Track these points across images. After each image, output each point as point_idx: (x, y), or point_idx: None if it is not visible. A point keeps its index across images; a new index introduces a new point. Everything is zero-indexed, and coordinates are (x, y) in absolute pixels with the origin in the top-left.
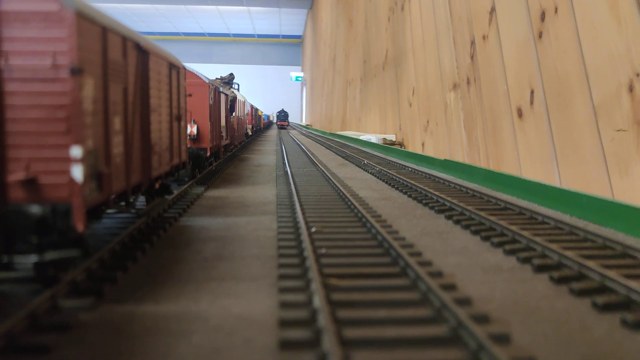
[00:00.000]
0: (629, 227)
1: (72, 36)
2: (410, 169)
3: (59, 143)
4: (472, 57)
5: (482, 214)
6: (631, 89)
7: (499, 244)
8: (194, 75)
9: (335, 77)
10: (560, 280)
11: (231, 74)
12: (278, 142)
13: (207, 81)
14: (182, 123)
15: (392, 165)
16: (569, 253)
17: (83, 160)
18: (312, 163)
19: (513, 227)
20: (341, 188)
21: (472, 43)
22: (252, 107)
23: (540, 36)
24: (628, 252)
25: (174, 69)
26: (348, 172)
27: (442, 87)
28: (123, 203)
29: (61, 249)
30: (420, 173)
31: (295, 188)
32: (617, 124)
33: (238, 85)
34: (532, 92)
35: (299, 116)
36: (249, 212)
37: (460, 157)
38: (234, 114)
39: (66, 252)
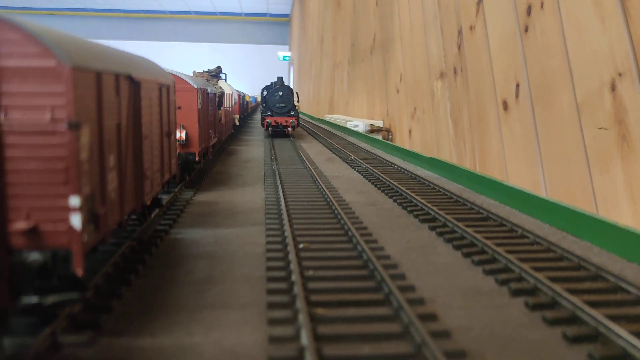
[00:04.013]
0: (604, 242)
1: (69, 91)
2: (396, 166)
3: (58, 193)
4: (459, 47)
5: (466, 227)
6: (613, 88)
7: (479, 262)
8: (183, 81)
9: (323, 59)
10: (535, 307)
11: (218, 67)
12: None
13: (195, 86)
14: (172, 137)
15: (379, 161)
16: (542, 276)
17: (81, 208)
18: (299, 158)
19: (493, 245)
20: (328, 193)
21: (460, 33)
22: (239, 95)
23: (526, 30)
24: (601, 274)
25: (164, 87)
26: (335, 170)
27: (429, 75)
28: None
29: (61, 292)
30: (406, 172)
31: (282, 192)
32: (599, 122)
33: (225, 75)
34: (517, 85)
35: None
36: (238, 222)
37: (447, 146)
38: (221, 109)
39: (66, 295)
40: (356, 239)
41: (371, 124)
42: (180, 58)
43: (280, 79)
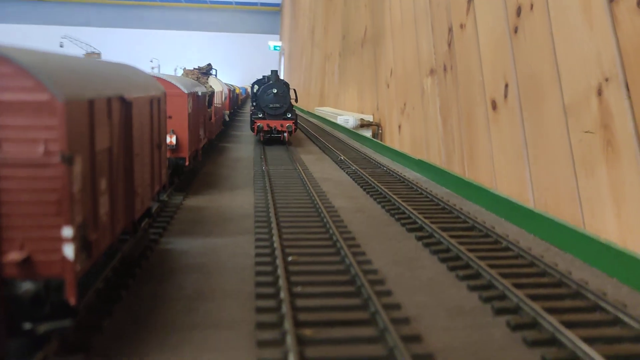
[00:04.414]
0: (586, 256)
1: (62, 125)
2: (385, 168)
3: (51, 224)
4: (449, 45)
5: (451, 238)
6: (600, 93)
7: (464, 277)
8: (173, 86)
9: (314, 51)
10: (516, 328)
11: (209, 64)
12: None
13: (186, 92)
14: (163, 148)
15: (368, 161)
16: (524, 294)
17: (74, 238)
18: (289, 158)
19: (477, 259)
20: (317, 198)
21: (450, 30)
22: (229, 90)
23: (515, 31)
24: (581, 291)
25: (155, 99)
26: (324, 171)
27: (419, 71)
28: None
29: (54, 319)
30: (394, 175)
31: (272, 197)
32: (586, 125)
33: (216, 71)
34: (506, 85)
35: None
36: (228, 231)
37: (436, 143)
38: (212, 108)
39: (59, 323)
40: (344, 251)
41: (361, 119)
42: (170, 47)
43: (274, 73)
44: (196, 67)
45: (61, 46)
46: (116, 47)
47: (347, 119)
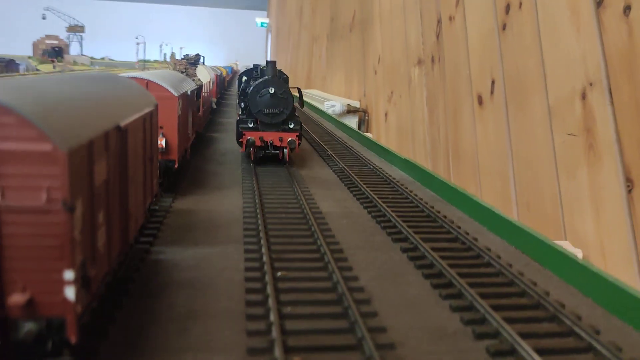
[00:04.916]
0: (564, 274)
1: (64, 174)
2: (371, 166)
3: (53, 267)
4: (437, 36)
5: (434, 251)
6: (584, 96)
7: (446, 297)
8: (163, 89)
9: (302, 31)
10: (495, 354)
11: (197, 54)
12: None
13: (176, 94)
14: (155, 159)
15: (355, 158)
16: (501, 317)
17: (75, 281)
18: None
19: (459, 277)
20: (305, 202)
21: (439, 22)
22: (216, 76)
23: (504, 28)
24: (558, 315)
25: (147, 115)
26: (312, 168)
27: (407, 60)
28: None
29: (55, 356)
30: (381, 175)
31: (259, 200)
32: (569, 128)
33: (204, 58)
34: (493, 82)
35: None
36: (218, 238)
37: (421, 134)
38: (200, 100)
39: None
40: (331, 267)
41: (348, 105)
42: (154, 22)
43: (271, 64)
44: (184, 56)
45: (43, 18)
46: (100, 20)
47: (334, 104)
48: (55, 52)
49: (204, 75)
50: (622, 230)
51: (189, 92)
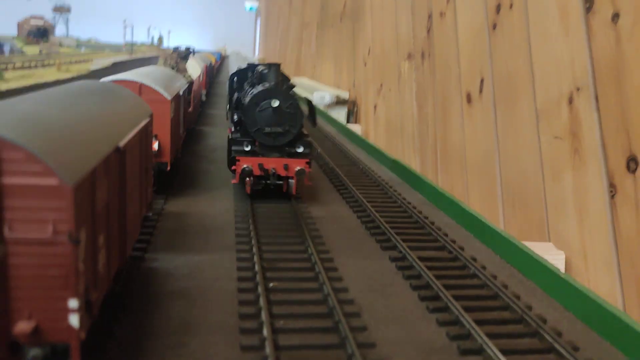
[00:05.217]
0: (546, 287)
1: (70, 207)
2: (361, 166)
3: (58, 296)
4: (428, 31)
5: (421, 261)
6: (571, 101)
7: (433, 310)
8: (156, 92)
9: (292, 17)
10: None
11: (187, 48)
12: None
13: (169, 98)
14: (149, 169)
15: (343, 156)
16: (485, 332)
17: (79, 309)
18: None
19: (445, 289)
20: (295, 205)
21: (430, 17)
22: (206, 67)
23: (494, 27)
24: (539, 330)
25: (143, 128)
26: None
27: (397, 53)
28: None
29: None
30: (370, 176)
31: (250, 202)
32: (556, 131)
33: (194, 50)
34: (482, 80)
35: (251, 50)
36: (210, 245)
37: (410, 128)
38: (190, 96)
39: None
40: (322, 277)
41: (337, 96)
42: (143, 5)
43: (274, 68)
44: (175, 48)
45: None
46: (86, 1)
47: (324, 95)
48: (41, 33)
49: (194, 69)
50: (604, 234)
51: (180, 93)
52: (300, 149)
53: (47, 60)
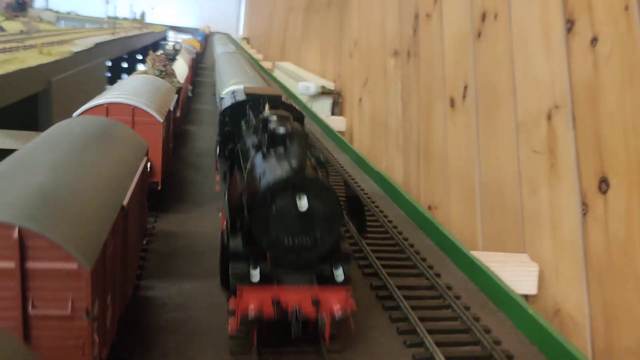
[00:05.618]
0: (515, 319)
1: (87, 287)
2: (342, 176)
3: None
4: (414, 31)
5: (399, 289)
6: (549, 117)
7: (410, 345)
8: (149, 115)
9: None
10: None
11: (174, 47)
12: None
13: (161, 120)
14: (145, 200)
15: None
16: None
17: None
18: None
19: (420, 323)
20: None
21: (416, 17)
22: (192, 60)
23: (479, 35)
24: None
25: (143, 170)
26: None
27: (384, 49)
28: None
29: None
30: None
31: None
32: (534, 145)
33: (181, 45)
34: (465, 87)
35: (234, 29)
36: (201, 271)
37: (394, 126)
38: (179, 99)
39: None
40: None
41: (322, 86)
42: None
43: (297, 136)
44: (162, 51)
45: None
46: None
47: (309, 85)
48: (19, 6)
49: (182, 69)
50: (575, 250)
51: (171, 108)
52: (339, 272)
53: (28, 40)
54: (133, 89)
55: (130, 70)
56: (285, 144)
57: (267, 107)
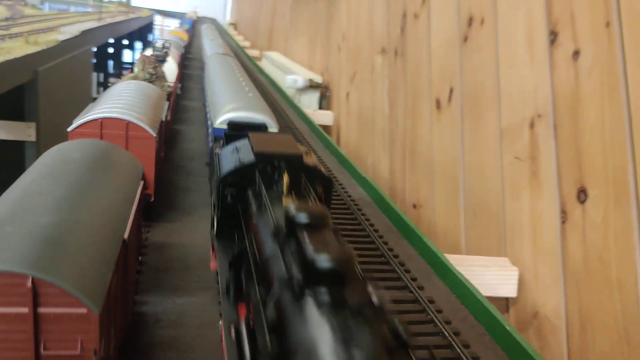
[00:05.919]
0: (494, 334)
1: (96, 329)
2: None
3: None
4: (402, 30)
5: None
6: (532, 125)
7: None
8: (142, 130)
9: None
10: None
11: (164, 46)
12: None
13: (154, 135)
14: (141, 222)
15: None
16: None
17: None
18: None
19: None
20: None
21: (404, 16)
22: (180, 56)
23: (465, 39)
24: None
25: (140, 197)
26: None
27: (371, 45)
28: None
29: None
30: (338, 194)
31: None
32: (517, 151)
33: (170, 44)
34: (451, 90)
35: (222, 14)
36: (193, 285)
37: (381, 124)
38: (170, 102)
39: None
40: None
41: (310, 79)
42: None
43: (323, 208)
44: (153, 53)
45: None
46: None
47: (297, 79)
48: None
49: (172, 69)
50: (554, 257)
51: (163, 118)
52: None
53: (13, 28)
54: (125, 101)
55: (116, 56)
56: (331, 291)
57: (285, 182)
